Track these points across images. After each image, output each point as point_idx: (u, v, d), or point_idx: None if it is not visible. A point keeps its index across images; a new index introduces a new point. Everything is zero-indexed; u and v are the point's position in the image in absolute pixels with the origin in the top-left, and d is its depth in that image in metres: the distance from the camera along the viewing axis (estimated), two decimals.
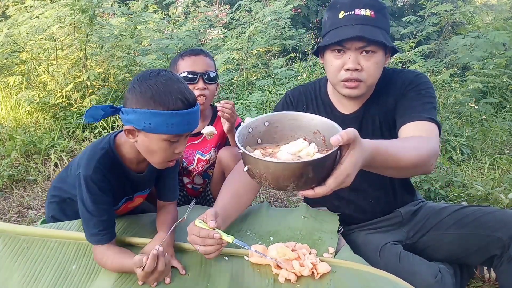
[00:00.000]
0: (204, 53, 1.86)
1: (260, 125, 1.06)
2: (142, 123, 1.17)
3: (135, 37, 4.37)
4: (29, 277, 1.22)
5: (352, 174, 0.90)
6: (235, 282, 1.22)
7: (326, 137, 1.02)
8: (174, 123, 1.17)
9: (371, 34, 1.29)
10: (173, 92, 1.17)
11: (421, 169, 1.17)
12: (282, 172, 0.90)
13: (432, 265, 1.42)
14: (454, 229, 1.49)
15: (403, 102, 1.41)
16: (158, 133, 1.18)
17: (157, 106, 1.15)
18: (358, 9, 1.31)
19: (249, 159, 0.94)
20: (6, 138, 3.21)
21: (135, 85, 1.20)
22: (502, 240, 1.37)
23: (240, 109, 3.58)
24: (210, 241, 1.19)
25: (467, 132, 3.49)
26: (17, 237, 1.34)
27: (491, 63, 4.33)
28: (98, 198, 1.26)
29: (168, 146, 1.22)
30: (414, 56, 4.52)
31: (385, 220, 1.60)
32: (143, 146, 1.24)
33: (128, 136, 1.24)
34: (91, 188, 1.25)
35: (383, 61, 1.38)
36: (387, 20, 1.36)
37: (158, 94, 1.16)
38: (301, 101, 1.62)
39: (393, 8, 8.28)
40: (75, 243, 1.35)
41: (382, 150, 1.02)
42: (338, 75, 1.38)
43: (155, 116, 1.15)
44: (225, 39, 5.25)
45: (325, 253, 1.37)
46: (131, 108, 1.18)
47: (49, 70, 3.88)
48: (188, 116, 1.19)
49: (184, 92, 1.19)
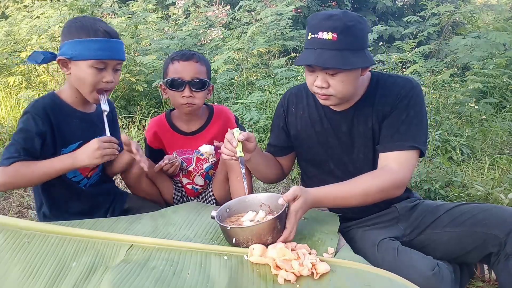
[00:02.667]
0: (195, 58, 1.78)
1: (224, 211, 1.44)
2: (70, 51, 1.41)
3: (135, 38, 4.37)
4: (28, 273, 1.22)
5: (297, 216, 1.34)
6: (234, 282, 1.22)
7: (271, 205, 1.45)
8: (96, 48, 1.41)
9: (325, 60, 1.36)
10: (93, 25, 1.43)
11: (379, 199, 1.45)
12: (262, 229, 1.31)
13: (430, 258, 1.43)
14: (450, 227, 1.50)
15: (392, 121, 1.48)
16: (85, 59, 1.41)
17: (81, 35, 1.41)
18: (321, 32, 1.37)
19: (236, 231, 1.33)
20: (6, 138, 3.21)
21: (66, 24, 1.48)
22: (499, 237, 1.37)
23: (240, 109, 3.58)
24: (229, 146, 1.45)
25: (467, 132, 3.49)
26: (19, 231, 1.34)
27: (491, 63, 4.33)
28: (29, 129, 1.40)
29: (95, 72, 1.43)
30: (414, 57, 4.52)
31: (382, 216, 1.61)
32: (74, 76, 1.45)
33: (62, 69, 1.47)
34: (26, 119, 1.41)
35: (352, 76, 1.42)
36: (354, 38, 1.38)
37: (81, 26, 1.43)
38: (292, 102, 1.70)
39: (393, 8, 8.28)
40: (76, 240, 1.34)
41: (329, 197, 1.42)
42: (312, 88, 1.48)
43: (79, 44, 1.40)
44: (225, 39, 5.25)
45: (325, 253, 1.37)
46: (63, 43, 1.44)
47: (49, 70, 3.88)
48: (108, 43, 1.44)
49: (107, 27, 1.46)
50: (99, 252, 1.31)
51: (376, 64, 4.94)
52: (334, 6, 7.90)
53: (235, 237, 1.34)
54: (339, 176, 1.60)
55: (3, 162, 1.38)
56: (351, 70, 1.40)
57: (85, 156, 1.40)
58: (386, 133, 1.49)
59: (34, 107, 1.44)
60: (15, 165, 1.38)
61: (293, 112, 1.68)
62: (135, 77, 3.96)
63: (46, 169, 1.40)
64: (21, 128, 1.42)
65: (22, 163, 1.39)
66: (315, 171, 1.70)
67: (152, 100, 4.15)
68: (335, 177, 1.60)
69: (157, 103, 4.16)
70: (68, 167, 1.43)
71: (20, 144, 1.40)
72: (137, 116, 3.78)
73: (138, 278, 1.20)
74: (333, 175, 1.62)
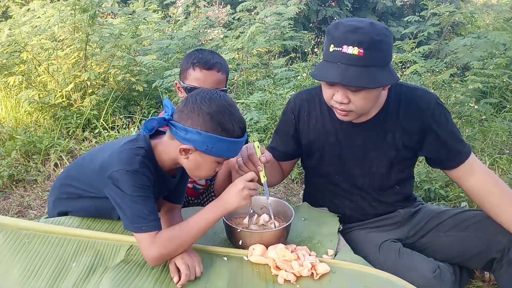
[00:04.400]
0: (218, 66, 1.71)
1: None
2: (205, 145, 1.21)
3: (135, 38, 4.37)
4: (28, 273, 1.22)
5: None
6: (234, 282, 1.22)
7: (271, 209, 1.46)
8: (232, 149, 1.26)
9: (351, 78, 1.26)
10: (236, 121, 1.23)
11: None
12: (271, 236, 1.34)
13: (431, 260, 1.42)
14: (454, 231, 1.49)
15: (439, 143, 1.45)
16: (216, 156, 1.24)
17: (223, 132, 1.20)
18: (346, 45, 1.26)
19: (245, 234, 1.34)
20: (6, 138, 3.21)
21: (202, 106, 1.20)
22: (502, 243, 1.37)
23: (240, 109, 3.57)
24: (251, 166, 1.35)
25: (467, 132, 3.49)
26: (19, 231, 1.34)
27: (491, 63, 4.33)
28: (146, 189, 1.21)
29: (216, 166, 1.29)
30: (414, 57, 4.52)
31: (385, 219, 1.60)
32: (192, 163, 1.27)
33: (181, 152, 1.24)
34: (139, 179, 1.20)
35: (375, 93, 1.35)
36: (381, 53, 1.30)
37: (225, 121, 1.21)
38: (303, 109, 1.58)
39: (393, 8, 8.27)
40: (76, 240, 1.34)
41: None
42: (330, 102, 1.40)
43: (219, 142, 1.21)
44: (225, 39, 5.25)
45: (325, 255, 1.38)
46: (196, 130, 1.19)
47: (49, 70, 3.88)
48: (243, 143, 1.29)
49: (243, 121, 1.27)
50: (99, 252, 1.31)
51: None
52: (334, 6, 7.89)
53: (243, 239, 1.35)
54: (346, 188, 1.59)
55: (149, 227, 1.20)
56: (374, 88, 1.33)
57: (234, 198, 1.26)
58: (445, 155, 1.46)
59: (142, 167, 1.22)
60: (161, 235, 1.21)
61: (305, 120, 1.58)
62: (135, 77, 3.96)
63: (200, 224, 1.26)
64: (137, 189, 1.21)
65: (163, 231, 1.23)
66: (322, 181, 1.65)
67: (152, 100, 4.15)
68: (342, 189, 1.60)
69: (157, 103, 4.16)
70: (222, 214, 1.28)
71: (149, 206, 1.22)
72: (137, 116, 3.78)
73: (138, 278, 1.21)
74: (339, 187, 1.60)
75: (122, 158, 1.22)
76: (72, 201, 1.47)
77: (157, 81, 3.85)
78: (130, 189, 1.19)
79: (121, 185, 1.19)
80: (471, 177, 1.44)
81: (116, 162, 1.21)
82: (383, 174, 1.53)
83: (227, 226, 1.39)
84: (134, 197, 1.19)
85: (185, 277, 1.17)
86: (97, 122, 3.60)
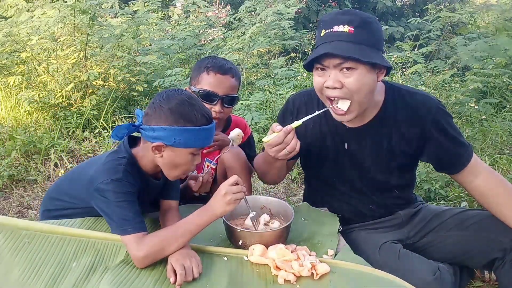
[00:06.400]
0: (232, 72, 1.71)
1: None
2: (172, 139, 1.28)
3: (136, 38, 4.37)
4: (29, 273, 1.22)
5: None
6: (234, 282, 1.22)
7: (272, 209, 1.52)
8: (201, 138, 1.31)
9: (343, 50, 1.24)
10: (197, 110, 1.30)
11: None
12: (271, 236, 1.34)
13: (431, 262, 1.42)
14: (455, 231, 1.49)
15: (440, 150, 1.44)
16: (186, 147, 1.30)
17: (186, 123, 1.28)
18: (336, 26, 1.27)
19: (245, 234, 1.34)
20: (6, 138, 3.21)
21: (162, 104, 1.30)
22: (504, 243, 1.38)
23: (240, 109, 3.58)
24: (290, 136, 1.32)
25: (467, 132, 3.49)
26: (19, 231, 1.34)
27: (491, 63, 4.33)
28: (130, 195, 1.29)
29: (191, 158, 1.34)
30: (415, 57, 4.53)
31: (385, 221, 1.60)
32: (167, 160, 1.33)
33: (154, 152, 1.32)
34: (124, 186, 1.28)
35: (369, 77, 1.29)
36: (371, 34, 1.28)
37: (186, 112, 1.29)
38: (302, 111, 1.55)
39: (393, 8, 8.27)
40: (76, 240, 1.34)
41: None
42: (322, 91, 1.35)
43: (184, 132, 1.28)
44: (225, 39, 5.25)
45: (325, 255, 1.37)
46: (160, 126, 1.28)
47: (49, 70, 3.88)
48: (211, 130, 1.34)
49: (206, 110, 1.34)
50: (99, 252, 1.31)
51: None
52: (335, 6, 7.89)
53: (243, 239, 1.35)
54: (344, 191, 1.59)
55: (135, 228, 1.25)
56: (368, 70, 1.27)
57: (218, 205, 1.28)
58: (445, 158, 1.45)
59: (126, 175, 1.29)
60: (149, 236, 1.26)
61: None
62: (135, 77, 3.96)
63: (188, 227, 1.29)
64: (123, 195, 1.28)
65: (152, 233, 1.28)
66: (320, 183, 1.65)
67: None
68: (340, 192, 1.59)
69: None
70: (211, 219, 1.29)
71: (133, 211, 1.28)
72: None
73: (138, 278, 1.21)
74: (337, 190, 1.60)
75: (105, 169, 1.31)
76: (60, 211, 1.51)
77: (157, 81, 3.85)
78: (114, 195, 1.26)
79: (107, 194, 1.27)
80: (475, 178, 1.43)
81: (100, 175, 1.30)
82: (380, 179, 1.52)
83: (227, 226, 1.39)
84: (119, 203, 1.26)
85: (180, 277, 1.18)
86: (97, 122, 3.60)
